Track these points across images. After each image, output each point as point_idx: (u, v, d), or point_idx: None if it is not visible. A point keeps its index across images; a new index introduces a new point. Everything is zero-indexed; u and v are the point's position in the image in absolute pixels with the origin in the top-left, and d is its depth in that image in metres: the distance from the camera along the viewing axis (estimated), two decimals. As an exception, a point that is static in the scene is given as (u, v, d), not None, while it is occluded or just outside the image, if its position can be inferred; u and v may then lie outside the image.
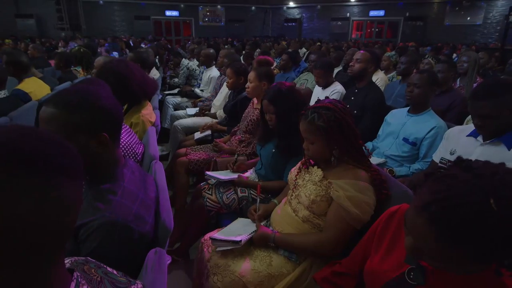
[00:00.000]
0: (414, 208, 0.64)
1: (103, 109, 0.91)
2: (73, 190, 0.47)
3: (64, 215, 0.46)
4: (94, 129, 0.89)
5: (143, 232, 0.89)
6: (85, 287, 0.52)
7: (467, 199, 0.57)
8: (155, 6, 17.82)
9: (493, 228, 0.56)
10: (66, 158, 0.48)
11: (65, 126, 0.85)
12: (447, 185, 0.60)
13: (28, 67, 2.90)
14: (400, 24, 16.98)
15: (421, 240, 0.64)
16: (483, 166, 0.63)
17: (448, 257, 0.63)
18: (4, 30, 14.15)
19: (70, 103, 0.87)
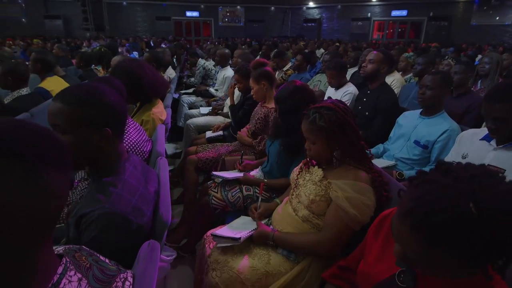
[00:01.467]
0: (397, 216, 0.64)
1: (107, 105, 0.95)
2: (59, 179, 0.51)
3: (49, 203, 0.49)
4: (98, 124, 0.93)
5: (141, 224, 0.92)
6: (72, 272, 0.56)
7: (447, 204, 0.56)
8: (176, 7, 18.15)
9: (474, 231, 0.55)
10: (53, 149, 0.51)
11: (70, 120, 0.90)
12: (427, 191, 0.60)
13: (53, 66, 3.04)
14: (424, 24, 16.49)
15: (406, 247, 0.64)
16: (463, 170, 0.61)
17: (434, 263, 0.62)
18: (34, 30, 14.84)
19: (76, 99, 0.91)
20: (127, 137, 1.49)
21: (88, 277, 0.58)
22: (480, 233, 0.55)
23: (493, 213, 0.54)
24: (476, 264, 0.62)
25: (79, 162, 0.96)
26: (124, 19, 17.49)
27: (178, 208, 2.56)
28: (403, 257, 0.67)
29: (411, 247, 0.62)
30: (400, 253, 0.67)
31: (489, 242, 0.55)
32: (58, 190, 0.51)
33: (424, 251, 0.60)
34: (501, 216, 0.54)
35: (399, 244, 0.66)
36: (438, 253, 0.59)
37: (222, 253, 1.28)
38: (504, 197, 0.55)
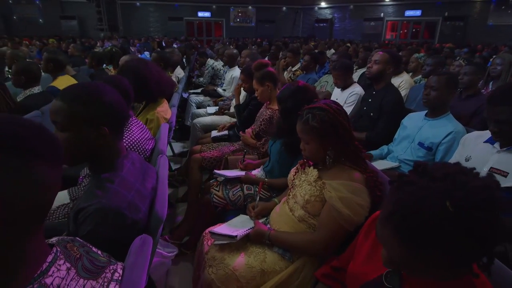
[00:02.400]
0: (379, 220, 0.64)
1: (105, 104, 0.99)
2: (48, 172, 0.54)
3: (37, 194, 0.52)
4: (96, 122, 0.96)
5: (136, 219, 0.95)
6: (62, 261, 0.58)
7: (425, 205, 0.57)
8: (188, 8, 18.34)
9: (454, 229, 0.55)
10: (43, 143, 0.54)
11: (69, 118, 0.93)
12: (405, 193, 0.60)
13: (65, 66, 3.13)
14: (438, 24, 16.18)
15: (390, 250, 0.65)
16: (438, 169, 0.62)
17: (418, 265, 0.63)
18: (50, 30, 15.26)
19: (74, 97, 0.95)
20: (129, 135, 1.53)
21: (77, 267, 0.60)
22: (460, 231, 0.55)
23: (469, 210, 0.55)
24: (460, 264, 0.62)
25: (77, 158, 0.99)
26: (137, 20, 17.78)
27: (182, 206, 2.61)
28: (388, 260, 0.67)
29: (394, 250, 0.63)
30: (386, 256, 0.67)
31: (469, 240, 0.56)
32: (49, 182, 0.54)
33: (406, 253, 0.61)
34: (476, 212, 0.55)
35: (384, 247, 0.67)
36: (421, 255, 0.60)
37: (219, 250, 1.30)
38: (478, 192, 0.56)
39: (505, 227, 0.59)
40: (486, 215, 0.55)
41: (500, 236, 0.58)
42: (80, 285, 0.59)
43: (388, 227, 0.61)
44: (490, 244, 0.58)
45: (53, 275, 0.55)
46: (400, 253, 0.62)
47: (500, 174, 1.42)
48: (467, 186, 0.56)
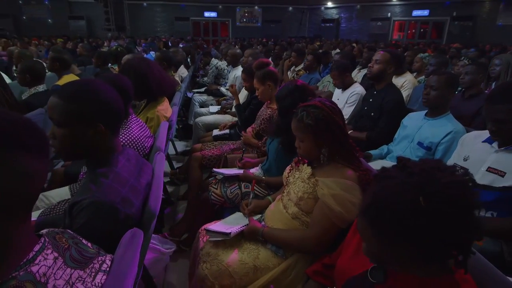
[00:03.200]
0: (359, 212, 0.65)
1: (101, 102, 1.01)
2: (33, 163, 0.56)
3: (22, 184, 0.54)
4: (91, 119, 0.98)
5: (129, 213, 0.97)
6: (49, 250, 0.61)
7: (400, 199, 0.58)
8: (195, 8, 18.43)
9: (426, 224, 0.56)
10: (29, 136, 0.56)
11: (64, 114, 0.96)
12: (383, 187, 0.61)
13: (69, 65, 3.18)
14: (446, 24, 15.99)
15: (367, 242, 0.65)
16: (417, 165, 0.62)
17: (393, 257, 0.63)
18: (59, 30, 15.47)
19: (70, 94, 0.97)
20: (129, 132, 1.56)
21: (65, 257, 0.63)
22: (431, 225, 0.56)
23: (441, 205, 0.55)
24: (432, 259, 0.62)
25: (72, 153, 1.02)
26: (144, 20, 17.93)
27: (183, 204, 2.63)
28: (367, 251, 0.68)
29: (370, 242, 0.64)
30: (365, 248, 0.68)
31: (440, 235, 0.56)
32: (33, 173, 0.56)
33: (381, 246, 0.61)
34: (448, 207, 0.55)
35: (362, 239, 0.68)
36: (394, 248, 0.61)
37: (214, 246, 1.32)
38: (451, 188, 0.56)
39: (480, 225, 0.59)
40: (457, 211, 0.55)
41: (474, 233, 0.59)
42: (67, 274, 0.61)
43: (365, 219, 0.62)
44: (462, 240, 0.59)
45: (39, 264, 0.57)
46: (375, 245, 0.63)
47: (498, 174, 1.41)
48: (440, 182, 0.57)
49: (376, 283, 0.75)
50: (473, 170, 1.53)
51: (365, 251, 0.69)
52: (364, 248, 0.69)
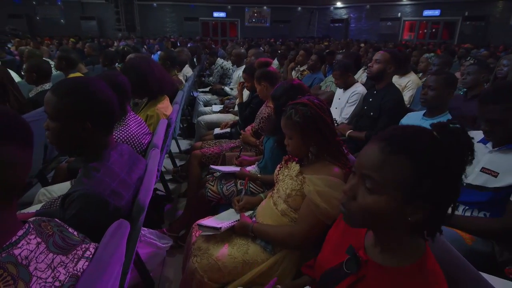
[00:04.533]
0: (374, 143, 0.70)
1: (93, 100, 1.04)
2: (17, 153, 0.60)
3: (6, 172, 0.58)
4: (80, 117, 1.02)
5: (118, 206, 1.01)
6: (33, 236, 0.64)
7: (418, 134, 0.68)
8: (204, 8, 18.58)
9: (440, 154, 0.64)
10: (13, 127, 0.60)
11: (56, 110, 1.01)
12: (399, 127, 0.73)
13: (76, 63, 3.27)
14: (458, 24, 15.74)
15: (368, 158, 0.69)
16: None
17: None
18: (71, 30, 15.79)
19: (63, 91, 1.02)
20: (126, 129, 1.60)
21: (48, 243, 0.66)
22: (444, 156, 0.64)
23: (449, 137, 0.65)
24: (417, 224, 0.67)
25: (64, 146, 1.07)
26: (154, 20, 18.16)
27: (184, 201, 2.67)
28: (350, 190, 0.72)
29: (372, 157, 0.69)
30: (350, 187, 0.72)
31: (448, 169, 0.64)
32: (18, 162, 0.60)
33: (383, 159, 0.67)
34: (453, 138, 0.65)
35: (363, 164, 0.70)
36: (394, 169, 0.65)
37: (206, 241, 1.35)
38: (453, 126, 0.68)
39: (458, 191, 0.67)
40: (460, 145, 0.65)
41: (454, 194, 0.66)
42: (49, 258, 0.64)
43: (383, 146, 0.67)
44: (455, 190, 0.66)
45: (22, 247, 0.61)
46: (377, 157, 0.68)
47: (491, 174, 1.41)
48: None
49: (350, 273, 0.77)
50: (468, 170, 1.52)
51: (349, 188, 0.73)
52: (350, 186, 0.73)
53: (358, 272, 0.76)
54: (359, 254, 0.78)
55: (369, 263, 0.76)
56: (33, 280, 0.60)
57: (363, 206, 0.69)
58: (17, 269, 0.59)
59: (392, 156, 0.66)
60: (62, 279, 0.64)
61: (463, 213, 1.48)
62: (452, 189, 0.67)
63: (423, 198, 0.65)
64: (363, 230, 0.85)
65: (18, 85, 2.53)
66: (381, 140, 0.69)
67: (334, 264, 0.85)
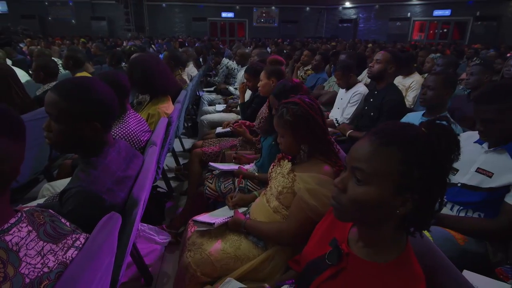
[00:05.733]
0: (365, 137, 0.73)
1: (95, 100, 1.06)
2: (9, 145, 0.64)
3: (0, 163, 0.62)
4: (86, 117, 1.04)
5: (114, 202, 1.05)
6: (24, 224, 0.68)
7: (407, 128, 0.70)
8: (212, 8, 18.69)
9: (427, 148, 0.66)
10: (4, 121, 0.64)
11: (64, 113, 1.02)
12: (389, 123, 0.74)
13: (83, 63, 3.34)
14: (469, 24, 15.49)
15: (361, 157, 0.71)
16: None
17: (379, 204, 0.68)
18: (82, 30, 16.09)
19: (67, 93, 1.03)
20: (126, 126, 1.64)
21: (39, 231, 0.70)
22: (428, 151, 0.65)
23: (437, 130, 0.67)
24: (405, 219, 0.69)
25: (66, 147, 1.11)
26: (163, 20, 18.36)
27: (185, 198, 2.71)
28: (342, 182, 0.73)
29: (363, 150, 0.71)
30: (341, 178, 0.74)
31: (435, 164, 0.66)
32: (10, 153, 0.64)
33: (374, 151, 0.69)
34: (442, 131, 0.67)
35: (354, 158, 0.72)
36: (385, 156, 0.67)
37: (200, 236, 1.38)
38: (441, 123, 0.69)
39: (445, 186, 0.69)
40: (447, 140, 0.66)
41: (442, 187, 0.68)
42: (39, 246, 0.68)
43: (373, 140, 0.70)
44: (442, 187, 0.68)
45: (13, 234, 0.65)
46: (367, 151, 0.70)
47: (486, 174, 1.41)
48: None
49: (331, 264, 0.79)
50: (464, 170, 1.52)
51: (340, 181, 0.74)
52: (341, 178, 0.74)
53: (339, 264, 0.78)
54: (342, 247, 0.80)
55: (350, 256, 0.78)
56: (22, 265, 0.63)
57: (353, 198, 0.70)
58: (7, 254, 0.62)
59: (382, 147, 0.68)
60: (51, 266, 0.68)
61: (458, 214, 1.48)
62: (440, 183, 0.68)
63: (411, 190, 0.67)
64: (348, 225, 0.87)
65: (27, 83, 2.62)
66: (372, 134, 0.71)
67: (317, 253, 0.87)
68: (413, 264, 0.73)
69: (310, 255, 0.89)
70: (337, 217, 0.77)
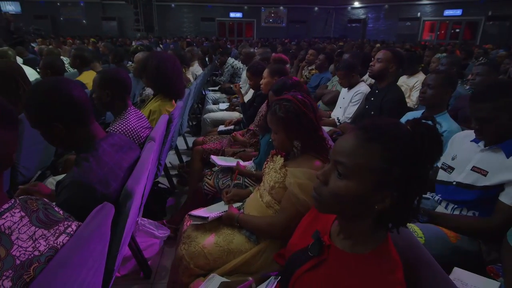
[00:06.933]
0: (350, 132, 0.74)
1: (51, 103, 1.08)
2: (3, 133, 0.67)
3: None
4: (48, 121, 1.09)
5: (105, 193, 1.08)
6: (17, 210, 0.72)
7: (392, 126, 0.71)
8: (220, 8, 18.79)
9: (408, 146, 0.67)
10: None
11: (30, 120, 1.11)
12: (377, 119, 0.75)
13: (89, 62, 3.42)
14: (481, 24, 15.24)
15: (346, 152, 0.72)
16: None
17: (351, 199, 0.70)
18: (92, 30, 16.36)
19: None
20: (125, 122, 1.69)
21: (31, 217, 0.74)
22: (411, 149, 0.66)
23: (421, 129, 0.68)
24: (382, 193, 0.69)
25: (56, 145, 1.19)
26: (171, 20, 18.55)
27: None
28: (324, 175, 0.75)
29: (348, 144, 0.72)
30: (323, 171, 0.76)
31: (419, 161, 0.66)
32: (4, 141, 0.68)
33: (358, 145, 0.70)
34: (425, 131, 0.68)
35: (338, 154, 0.73)
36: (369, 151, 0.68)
37: (195, 229, 1.41)
38: (425, 123, 0.70)
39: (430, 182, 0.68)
40: (430, 138, 0.67)
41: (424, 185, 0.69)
42: (31, 231, 0.72)
43: (358, 135, 0.71)
44: (421, 185, 0.69)
45: (6, 219, 0.68)
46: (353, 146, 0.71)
47: (481, 173, 1.40)
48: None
49: (313, 256, 0.81)
50: (460, 169, 1.52)
51: (322, 173, 0.75)
52: (323, 171, 0.76)
53: (320, 256, 0.80)
54: (324, 239, 0.82)
55: (332, 248, 0.80)
56: (14, 248, 0.67)
57: (333, 191, 0.72)
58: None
59: (365, 143, 0.69)
60: (42, 250, 0.72)
61: (453, 212, 1.48)
62: (420, 181, 0.69)
63: (391, 186, 0.67)
64: (332, 218, 0.88)
65: (35, 81, 2.68)
66: (357, 130, 0.72)
67: (301, 244, 0.89)
68: (390, 253, 0.74)
69: (295, 247, 0.92)
70: (317, 208, 0.79)
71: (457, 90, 3.10)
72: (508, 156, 1.34)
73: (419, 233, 1.31)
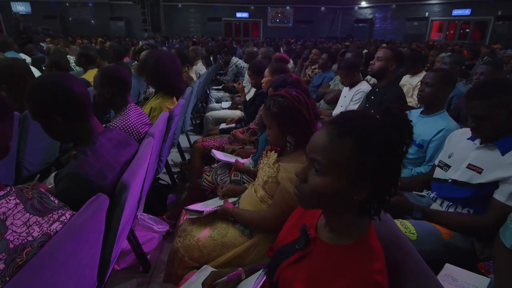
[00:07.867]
0: (322, 128, 0.75)
1: (52, 96, 1.12)
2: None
3: None
4: (47, 114, 1.12)
5: (101, 185, 1.12)
6: (13, 197, 0.75)
7: (365, 118, 0.72)
8: (227, 8, 18.85)
9: (382, 135, 0.67)
10: None
11: (31, 112, 1.14)
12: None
13: (94, 60, 3.48)
14: (490, 24, 15.01)
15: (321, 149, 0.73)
16: None
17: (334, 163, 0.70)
18: (100, 30, 16.57)
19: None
20: (126, 118, 1.72)
21: (26, 205, 0.77)
22: (381, 139, 0.67)
23: (390, 118, 0.69)
24: (365, 201, 0.71)
25: (56, 138, 1.21)
26: (178, 20, 18.67)
27: (188, 192, 2.79)
28: (302, 173, 0.76)
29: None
30: (301, 170, 0.77)
31: (389, 151, 0.68)
32: None
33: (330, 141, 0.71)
34: (394, 119, 0.69)
35: (311, 152, 0.75)
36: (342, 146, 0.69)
37: (191, 223, 1.44)
38: (392, 109, 0.70)
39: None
40: (399, 126, 0.68)
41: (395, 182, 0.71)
42: (25, 217, 0.75)
43: (330, 130, 0.72)
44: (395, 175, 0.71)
45: (1, 205, 0.72)
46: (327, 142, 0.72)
47: (476, 170, 1.40)
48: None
49: (299, 248, 0.83)
50: (456, 167, 1.52)
51: (300, 172, 0.77)
52: (301, 169, 0.77)
53: (306, 248, 0.82)
54: (310, 232, 0.84)
55: (317, 241, 0.81)
56: (8, 232, 0.70)
57: (312, 188, 0.73)
58: None
59: (337, 138, 0.70)
60: (35, 235, 0.75)
61: (447, 209, 1.48)
62: (393, 169, 0.71)
63: (366, 178, 0.69)
64: (319, 212, 0.90)
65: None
66: (328, 125, 0.74)
67: (289, 238, 0.91)
68: (373, 245, 0.75)
69: (283, 241, 0.93)
70: (300, 205, 0.81)
71: (460, 89, 3.09)
72: (503, 154, 1.34)
73: (412, 229, 1.32)
